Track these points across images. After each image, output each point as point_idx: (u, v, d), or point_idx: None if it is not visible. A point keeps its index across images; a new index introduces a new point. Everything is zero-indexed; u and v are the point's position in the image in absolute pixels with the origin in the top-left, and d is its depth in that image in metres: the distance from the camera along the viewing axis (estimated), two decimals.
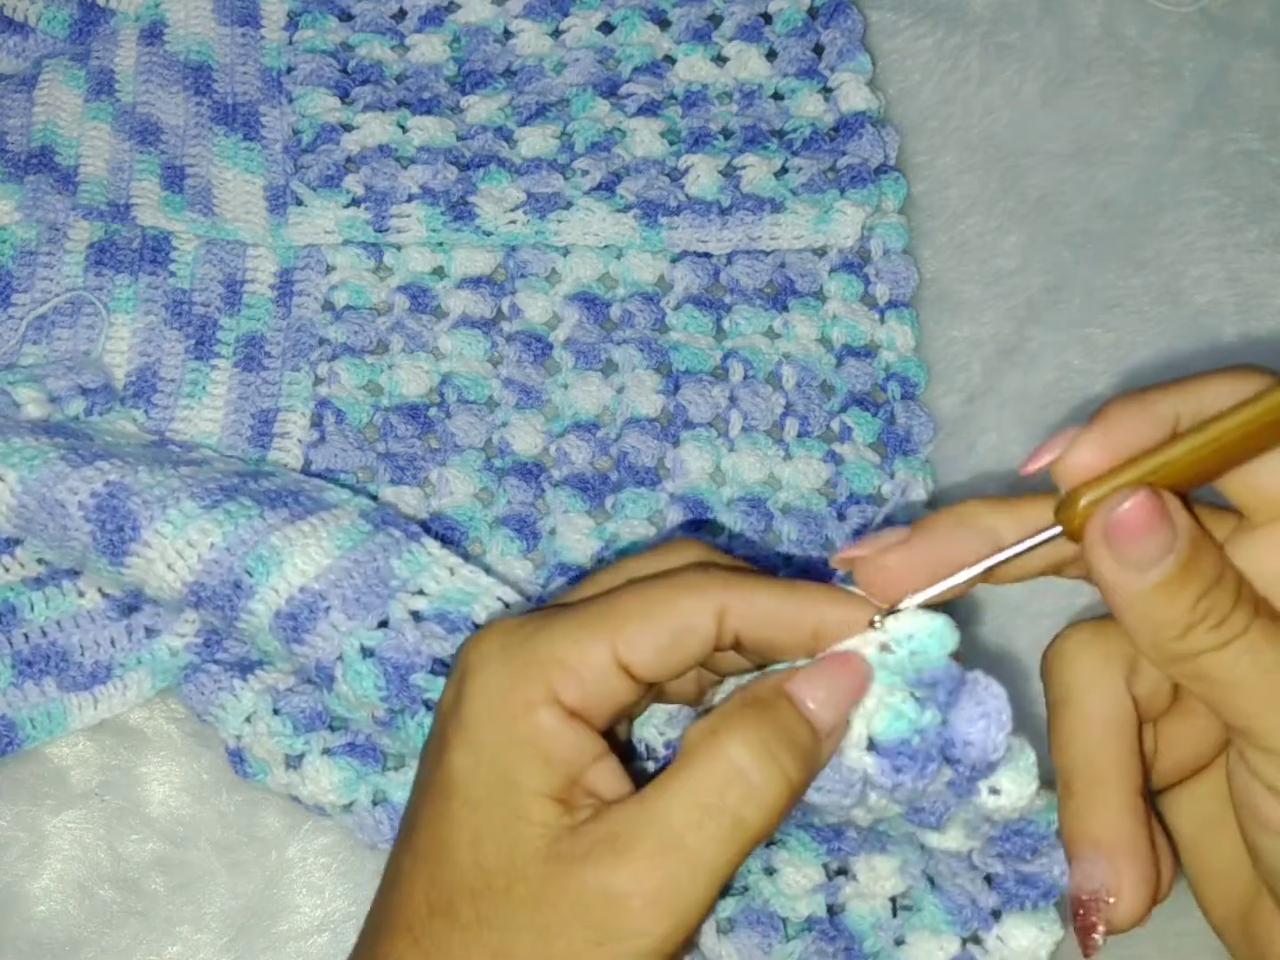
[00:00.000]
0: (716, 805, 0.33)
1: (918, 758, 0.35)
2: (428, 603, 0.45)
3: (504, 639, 0.35)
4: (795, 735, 0.34)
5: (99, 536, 0.46)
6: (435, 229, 0.57)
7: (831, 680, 0.35)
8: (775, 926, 0.45)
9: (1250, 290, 0.59)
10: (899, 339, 0.57)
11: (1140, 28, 0.64)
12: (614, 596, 0.35)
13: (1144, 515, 0.32)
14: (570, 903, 0.33)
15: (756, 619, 0.35)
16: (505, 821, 0.34)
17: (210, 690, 0.49)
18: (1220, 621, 0.33)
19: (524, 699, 0.34)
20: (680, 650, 0.35)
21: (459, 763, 0.35)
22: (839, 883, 0.45)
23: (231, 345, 0.55)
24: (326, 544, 0.46)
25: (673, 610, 0.35)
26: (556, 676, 0.34)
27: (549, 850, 0.33)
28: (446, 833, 0.35)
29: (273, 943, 0.49)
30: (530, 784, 0.34)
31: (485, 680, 0.35)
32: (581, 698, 0.34)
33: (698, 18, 0.62)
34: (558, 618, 0.35)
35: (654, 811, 0.33)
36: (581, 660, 0.34)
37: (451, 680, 0.36)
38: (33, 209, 0.56)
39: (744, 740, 0.33)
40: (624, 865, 0.33)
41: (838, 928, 0.45)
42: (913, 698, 0.35)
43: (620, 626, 0.34)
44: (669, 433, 0.55)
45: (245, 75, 0.60)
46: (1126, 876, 0.34)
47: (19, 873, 0.49)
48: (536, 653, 0.34)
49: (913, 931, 0.44)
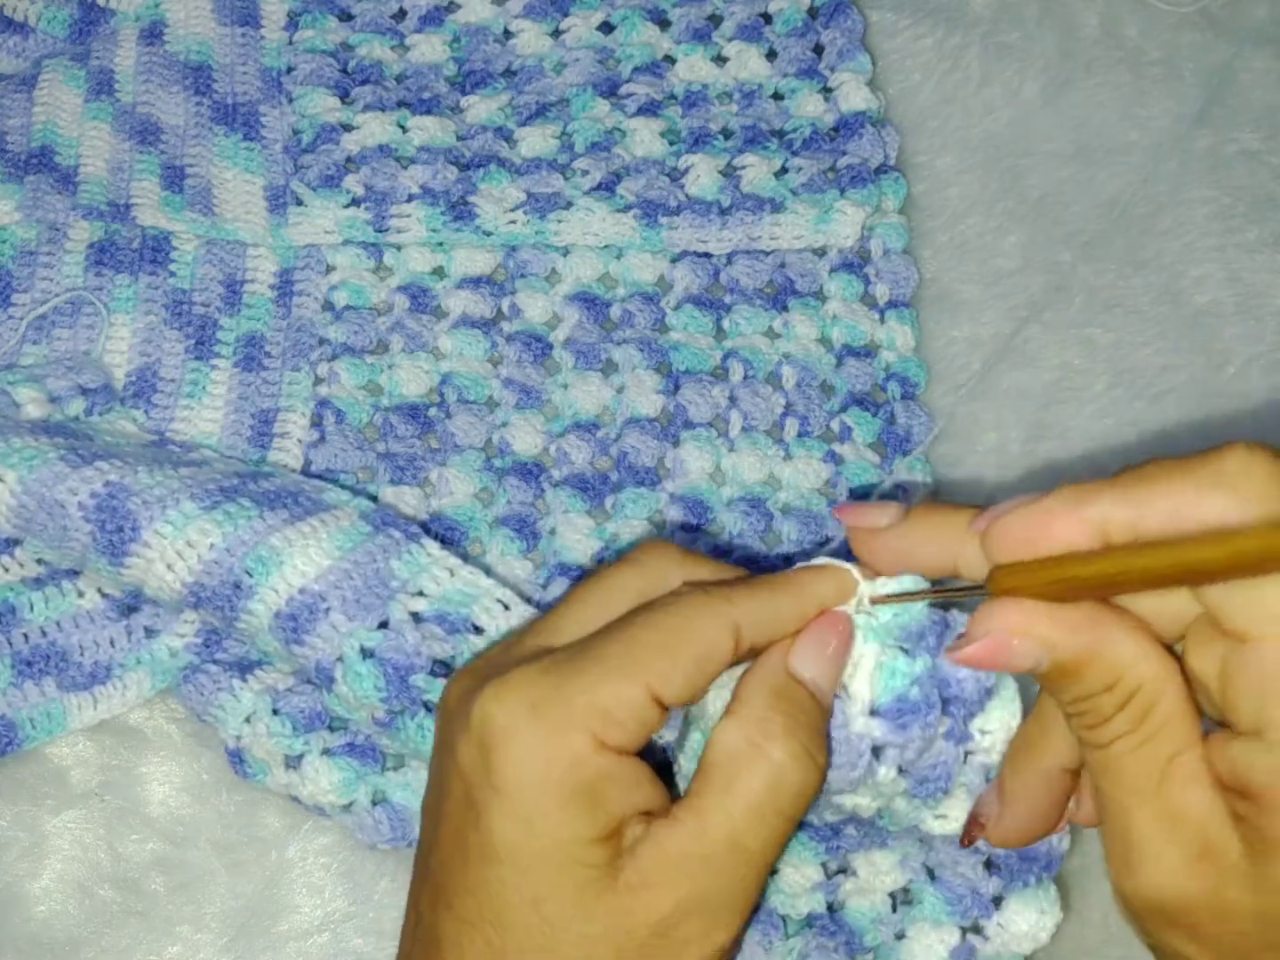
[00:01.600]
0: (770, 807, 0.35)
1: (919, 708, 0.37)
2: (428, 604, 0.45)
3: (527, 695, 0.35)
4: (815, 720, 0.36)
5: (99, 537, 0.46)
6: (435, 229, 0.57)
7: (821, 646, 0.36)
8: (775, 924, 0.45)
9: (1250, 290, 0.59)
10: (899, 339, 0.57)
11: (1140, 28, 0.64)
12: (634, 634, 0.35)
13: (988, 653, 0.34)
14: (646, 928, 0.34)
15: (766, 628, 0.36)
16: (565, 875, 0.34)
17: (210, 690, 0.49)
18: (1093, 725, 0.34)
19: (570, 756, 0.34)
20: (705, 674, 0.36)
21: (504, 830, 0.34)
22: (838, 881, 0.45)
23: (231, 345, 0.55)
24: (326, 545, 0.46)
25: (694, 639, 0.35)
26: (599, 726, 0.34)
27: (614, 884, 0.34)
28: (501, 897, 0.35)
29: (273, 943, 0.49)
30: (585, 834, 0.34)
31: (521, 743, 0.34)
32: (625, 740, 0.35)
33: (698, 18, 0.62)
34: (583, 665, 0.35)
35: (714, 824, 0.35)
36: (620, 704, 0.34)
37: (469, 741, 0.35)
38: (33, 209, 0.56)
39: (783, 744, 0.35)
40: (696, 879, 0.34)
41: (838, 924, 0.45)
42: (902, 651, 0.37)
43: (649, 664, 0.35)
44: (669, 433, 0.55)
45: (245, 75, 0.60)
46: (1004, 820, 0.38)
47: (19, 873, 0.49)
48: (573, 705, 0.34)
49: (913, 925, 0.44)
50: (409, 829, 0.48)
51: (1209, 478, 0.31)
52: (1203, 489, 0.31)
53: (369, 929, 0.49)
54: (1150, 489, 0.32)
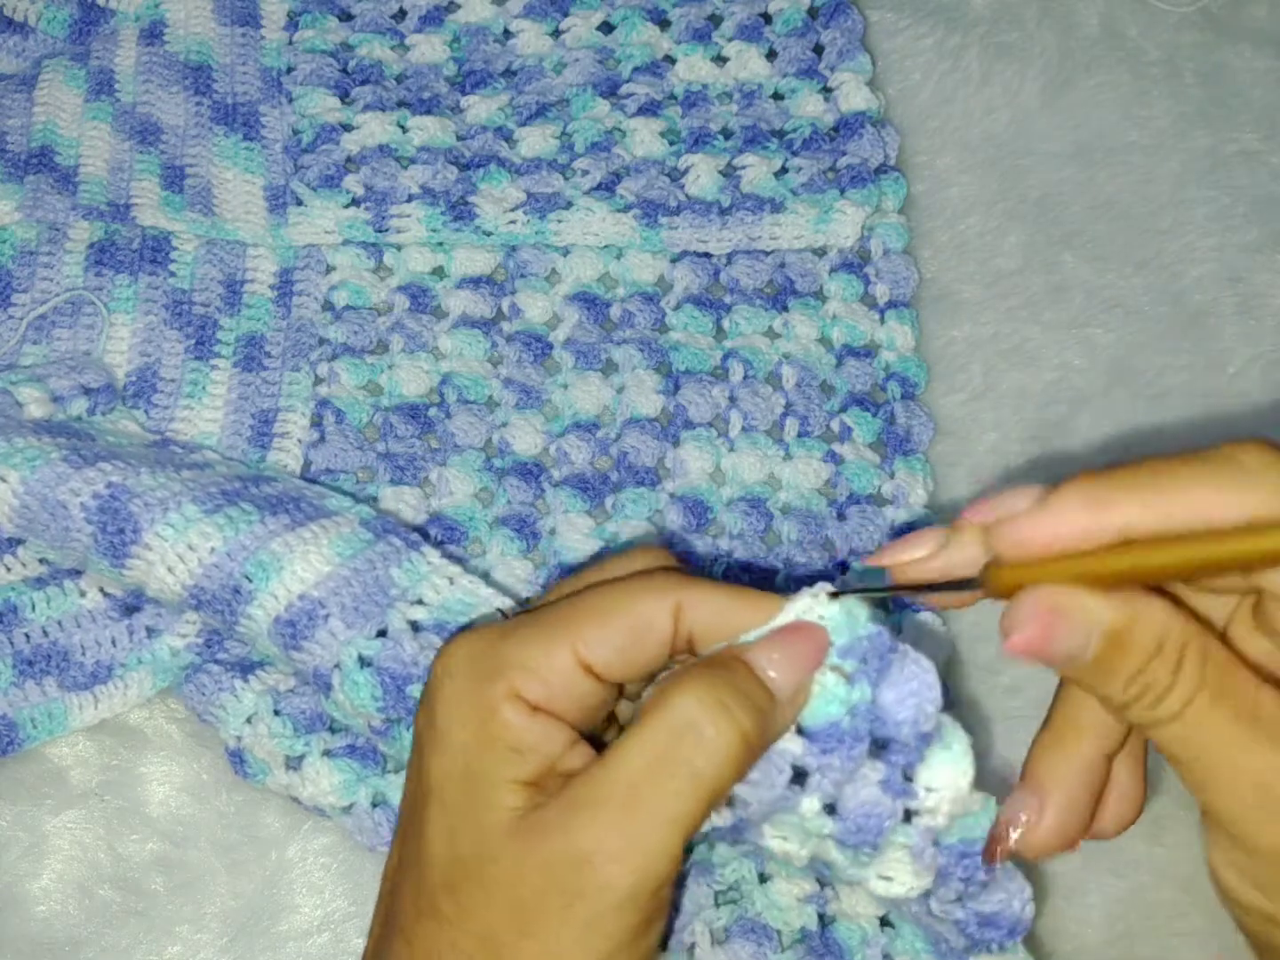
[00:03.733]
0: (671, 757, 0.34)
1: (846, 738, 0.36)
2: (427, 613, 0.45)
3: (469, 649, 0.36)
4: (749, 692, 0.35)
5: (100, 538, 0.46)
6: (435, 229, 0.57)
7: (787, 646, 0.36)
8: (769, 937, 0.45)
9: (1250, 290, 0.59)
10: (899, 339, 0.57)
11: (1140, 28, 0.64)
12: (573, 600, 0.36)
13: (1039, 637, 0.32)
14: (540, 872, 0.34)
15: (710, 617, 0.36)
16: (476, 812, 0.35)
17: (211, 691, 0.49)
18: (1156, 700, 0.33)
19: (490, 700, 0.35)
20: (640, 649, 0.36)
21: (433, 768, 0.36)
22: (828, 895, 0.45)
23: (231, 345, 0.55)
24: (326, 551, 0.46)
25: (630, 610, 0.35)
26: (519, 678, 0.35)
27: (517, 827, 0.34)
28: (426, 835, 0.36)
29: (273, 943, 0.49)
30: (500, 774, 0.35)
31: (453, 688, 0.36)
32: (546, 697, 0.35)
33: (698, 18, 0.62)
34: (520, 625, 0.36)
35: (611, 770, 0.34)
36: (544, 663, 0.35)
37: (424, 694, 0.37)
38: (33, 209, 0.56)
39: (695, 695, 0.34)
40: (585, 825, 0.34)
41: (827, 942, 0.45)
42: (841, 675, 0.36)
43: (580, 628, 0.35)
44: (669, 433, 0.55)
45: (245, 75, 0.60)
46: (1047, 820, 0.36)
47: (19, 873, 0.49)
48: (501, 658, 0.35)
49: (897, 955, 0.44)
50: None
51: (1230, 475, 0.31)
52: (1226, 487, 0.31)
53: (369, 929, 0.49)
54: (1170, 489, 0.31)
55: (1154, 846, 0.50)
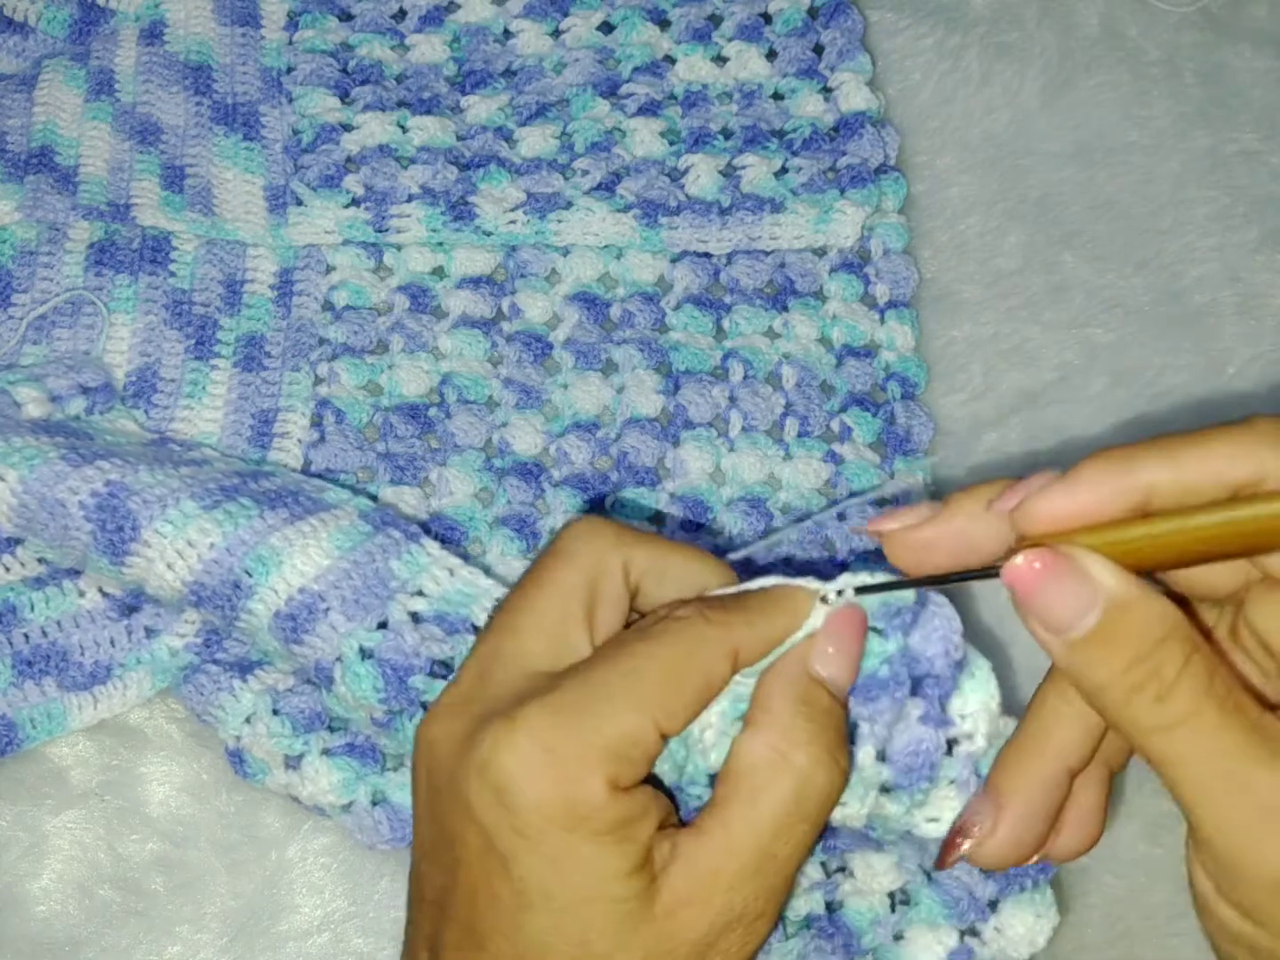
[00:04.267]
0: (797, 815, 0.35)
1: (888, 684, 0.37)
2: (427, 604, 0.45)
3: (543, 739, 0.34)
4: (837, 721, 0.36)
5: (99, 536, 0.46)
6: (435, 229, 0.57)
7: (842, 647, 0.37)
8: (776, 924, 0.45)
9: (1250, 290, 0.59)
10: (899, 339, 0.57)
11: (1140, 28, 0.64)
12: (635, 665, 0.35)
13: (1042, 572, 0.31)
14: (686, 946, 0.35)
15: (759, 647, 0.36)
16: (603, 913, 0.34)
17: (210, 691, 0.49)
18: (1162, 695, 0.31)
19: (591, 800, 0.34)
20: (705, 702, 0.36)
21: (536, 876, 0.34)
22: (837, 880, 0.45)
23: (231, 345, 0.55)
24: (326, 545, 0.46)
25: (696, 670, 0.35)
26: (614, 768, 0.34)
27: (651, 910, 0.34)
28: (541, 942, 0.34)
29: (273, 943, 0.49)
30: (617, 869, 0.34)
31: (540, 789, 0.33)
32: (637, 775, 0.35)
33: (698, 18, 0.62)
34: (591, 704, 0.34)
35: (742, 836, 0.35)
36: (633, 744, 0.34)
37: (483, 788, 0.34)
38: (33, 209, 0.56)
39: (807, 751, 0.35)
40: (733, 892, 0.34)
41: (836, 925, 0.45)
42: (875, 631, 0.37)
43: (656, 700, 0.35)
44: (669, 433, 0.55)
45: (245, 75, 0.60)
46: (1001, 831, 0.36)
47: (19, 873, 0.49)
48: (587, 748, 0.34)
49: (910, 926, 0.44)
50: (408, 829, 0.48)
51: (1249, 440, 0.31)
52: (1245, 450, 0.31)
53: (369, 929, 0.49)
54: (1190, 452, 0.31)
55: (1154, 847, 0.50)
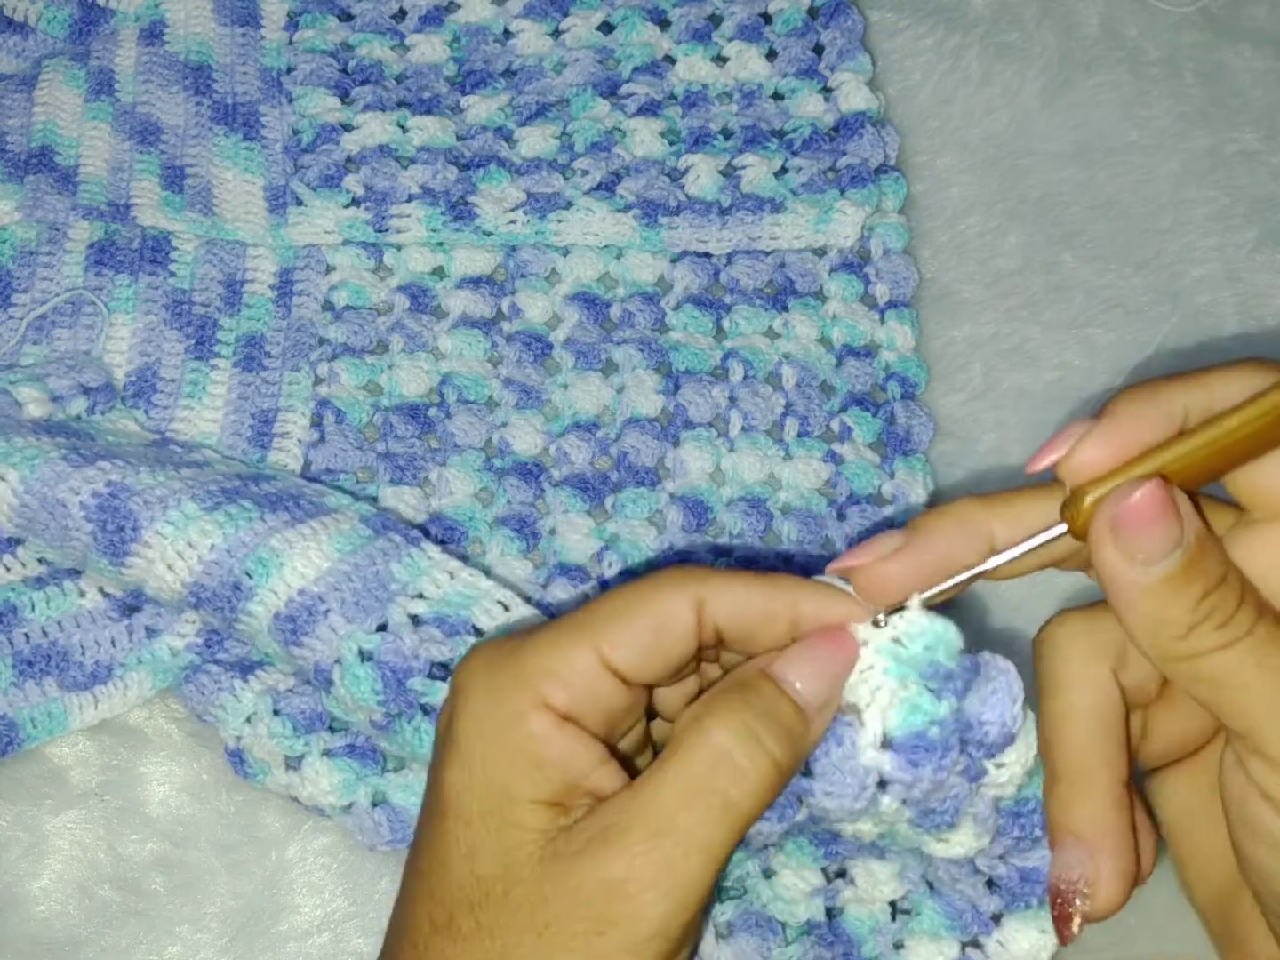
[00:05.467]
0: (705, 787, 0.33)
1: (935, 748, 0.35)
2: (427, 606, 0.45)
3: (489, 655, 0.35)
4: (778, 715, 0.34)
5: (100, 536, 0.46)
6: (435, 229, 0.57)
7: (815, 656, 0.35)
8: (774, 930, 0.45)
9: (1250, 290, 0.59)
10: (899, 339, 0.57)
11: (1140, 28, 0.64)
12: (594, 602, 0.36)
13: (1153, 507, 0.32)
14: (568, 898, 0.33)
15: (733, 609, 0.35)
16: (499, 830, 0.34)
17: (210, 691, 0.49)
18: (1224, 621, 0.33)
19: (512, 709, 0.34)
20: (664, 645, 0.35)
21: (453, 779, 0.35)
22: (837, 886, 0.45)
23: (231, 345, 0.55)
24: (326, 547, 0.46)
25: (651, 606, 0.35)
26: (543, 684, 0.34)
27: (544, 851, 0.34)
28: (443, 849, 0.35)
29: (273, 943, 0.49)
30: (523, 791, 0.34)
31: (473, 697, 0.35)
32: (570, 702, 0.34)
33: (698, 18, 0.62)
34: (540, 629, 0.36)
35: (644, 799, 0.34)
36: (566, 666, 0.34)
37: (445, 704, 0.36)
38: (33, 209, 0.56)
39: (726, 724, 0.34)
40: (618, 853, 0.33)
41: (836, 932, 0.45)
42: (928, 690, 0.35)
43: (601, 629, 0.35)
44: (669, 433, 0.55)
45: (245, 75, 0.60)
46: (1105, 869, 0.35)
47: (19, 873, 0.49)
48: (522, 665, 0.35)
49: (911, 936, 0.44)
50: (409, 830, 0.48)
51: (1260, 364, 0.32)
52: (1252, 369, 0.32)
53: (369, 929, 0.49)
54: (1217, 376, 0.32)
55: None
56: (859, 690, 0.35)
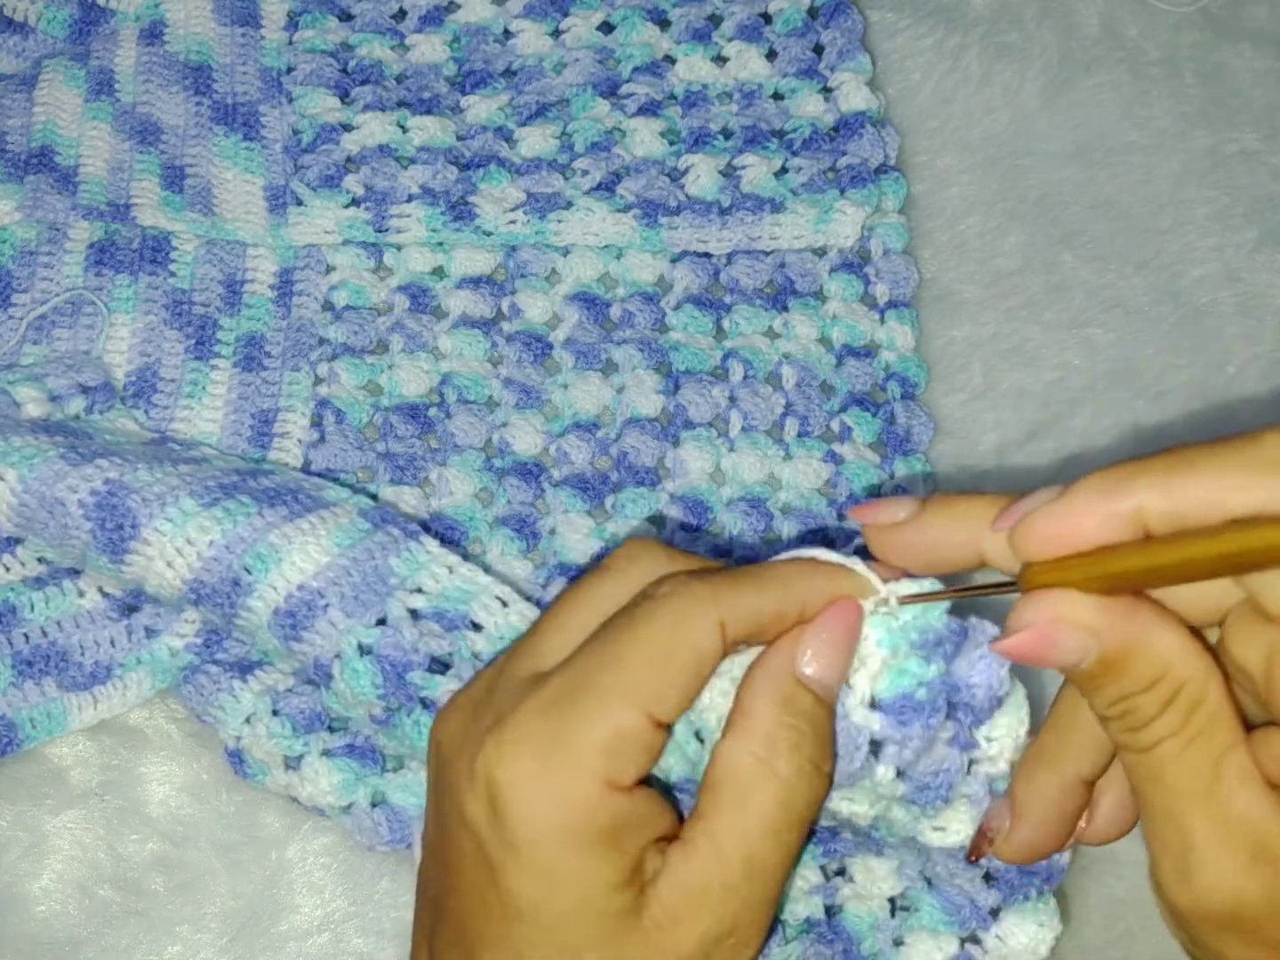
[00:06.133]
0: (783, 823, 0.34)
1: (923, 708, 0.36)
2: (426, 601, 0.45)
3: (533, 745, 0.33)
4: (821, 726, 0.35)
5: (99, 534, 0.46)
6: (435, 229, 0.57)
7: (831, 641, 0.35)
8: (773, 929, 0.45)
9: (1250, 290, 0.59)
10: (899, 339, 0.57)
11: (1140, 28, 0.64)
12: (620, 646, 0.34)
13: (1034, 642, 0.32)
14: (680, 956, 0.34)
15: (750, 622, 0.35)
16: (592, 926, 0.34)
17: (210, 691, 0.49)
18: (1135, 727, 0.32)
19: (583, 804, 0.33)
20: (699, 681, 0.35)
21: (524, 888, 0.33)
22: (836, 884, 0.45)
23: (231, 345, 0.55)
24: (325, 542, 0.46)
25: (684, 648, 0.34)
26: (607, 767, 0.33)
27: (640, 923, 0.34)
28: (527, 952, 0.34)
29: (273, 943, 0.49)
30: (607, 881, 0.34)
31: (530, 796, 0.33)
32: (636, 770, 0.34)
33: (698, 18, 0.62)
34: (579, 699, 0.34)
35: (729, 848, 0.34)
36: (624, 738, 0.33)
37: (476, 796, 0.34)
38: (33, 209, 0.56)
39: (790, 759, 0.34)
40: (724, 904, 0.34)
41: (835, 929, 0.45)
42: (916, 655, 0.36)
43: (644, 685, 0.34)
44: (669, 433, 0.55)
45: (245, 75, 0.60)
46: (1014, 838, 0.37)
47: (19, 873, 0.49)
48: (578, 749, 0.33)
49: (911, 932, 0.44)
50: (408, 830, 0.48)
51: (1248, 463, 0.30)
52: (1243, 475, 0.30)
53: (369, 929, 0.49)
54: (1187, 476, 0.30)
55: None
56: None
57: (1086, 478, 0.32)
